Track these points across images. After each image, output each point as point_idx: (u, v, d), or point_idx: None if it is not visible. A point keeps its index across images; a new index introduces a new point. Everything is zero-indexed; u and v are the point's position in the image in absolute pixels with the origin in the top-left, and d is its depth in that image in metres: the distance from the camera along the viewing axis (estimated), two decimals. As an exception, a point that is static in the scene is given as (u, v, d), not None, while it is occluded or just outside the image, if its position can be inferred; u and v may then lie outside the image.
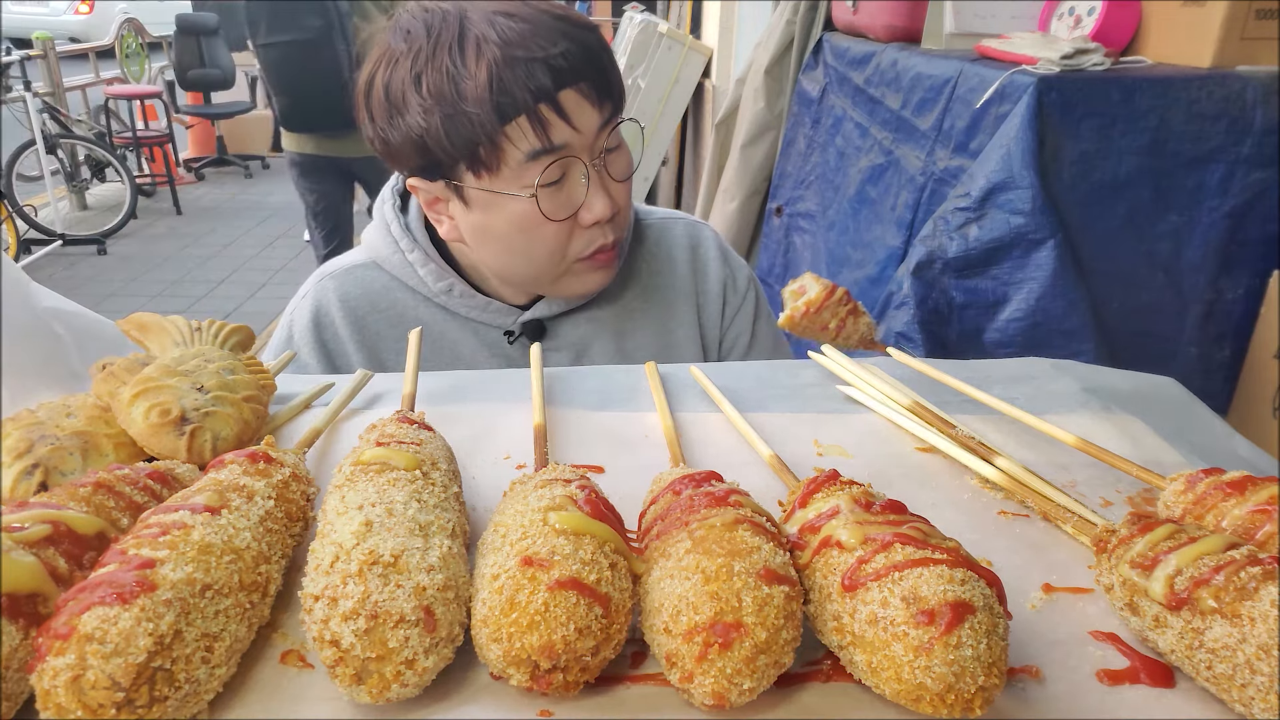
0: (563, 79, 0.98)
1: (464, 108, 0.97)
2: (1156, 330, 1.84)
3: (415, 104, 1.00)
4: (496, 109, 0.97)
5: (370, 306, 1.19)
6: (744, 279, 1.31)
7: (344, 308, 1.18)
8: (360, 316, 1.18)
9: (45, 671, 0.44)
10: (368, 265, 1.20)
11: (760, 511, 0.58)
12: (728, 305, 1.29)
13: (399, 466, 0.60)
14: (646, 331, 1.24)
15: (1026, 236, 1.70)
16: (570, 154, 1.02)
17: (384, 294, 1.19)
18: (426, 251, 1.17)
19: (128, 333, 0.86)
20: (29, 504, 0.56)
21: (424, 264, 1.17)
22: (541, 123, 0.98)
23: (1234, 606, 0.49)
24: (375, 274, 1.20)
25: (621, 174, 1.09)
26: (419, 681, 0.49)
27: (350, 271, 1.20)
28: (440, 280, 1.17)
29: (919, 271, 1.84)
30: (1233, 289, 1.82)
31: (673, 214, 1.33)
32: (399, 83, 1.01)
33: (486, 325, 1.19)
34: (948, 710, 0.47)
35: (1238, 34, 1.72)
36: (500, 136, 0.99)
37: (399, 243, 1.18)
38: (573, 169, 1.03)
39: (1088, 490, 0.76)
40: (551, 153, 1.00)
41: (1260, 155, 1.69)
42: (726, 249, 1.32)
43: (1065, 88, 1.67)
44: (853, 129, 2.46)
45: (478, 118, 0.97)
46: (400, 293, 1.19)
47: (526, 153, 1.00)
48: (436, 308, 1.19)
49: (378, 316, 1.19)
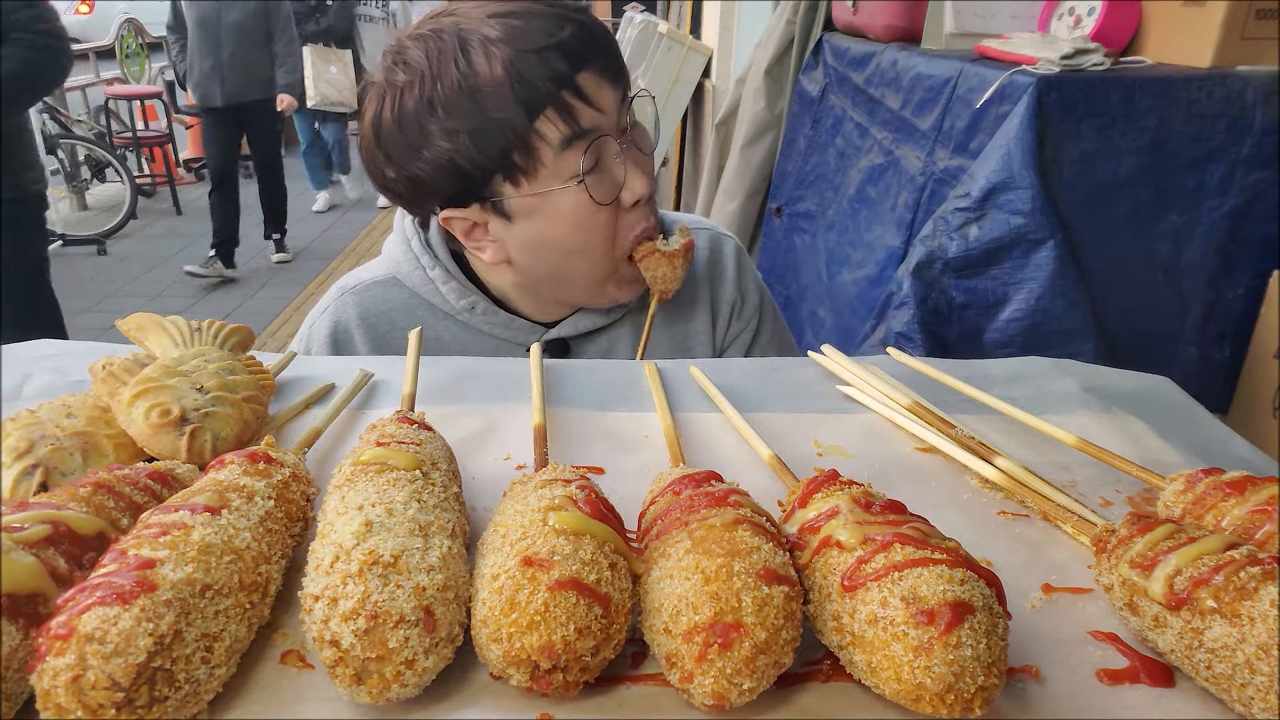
0: (577, 62, 0.97)
1: (489, 115, 0.95)
2: (1156, 330, 1.84)
3: (435, 129, 0.97)
4: (524, 105, 0.95)
5: (390, 324, 1.17)
6: (753, 307, 1.28)
7: (364, 324, 1.17)
8: (381, 334, 1.17)
9: (45, 671, 0.44)
10: (389, 281, 1.18)
11: (760, 511, 0.58)
12: (730, 328, 1.28)
13: (399, 466, 0.60)
14: (665, 347, 1.22)
15: (1026, 236, 1.70)
16: (601, 134, 1.00)
17: (405, 311, 1.17)
18: (448, 269, 1.15)
19: (128, 333, 0.86)
20: (29, 504, 0.56)
21: (445, 281, 1.15)
22: (569, 109, 0.97)
23: (1233, 606, 0.49)
24: (396, 290, 1.18)
25: (648, 148, 1.08)
26: (419, 682, 0.49)
27: (371, 288, 1.18)
28: (463, 298, 1.15)
29: (919, 271, 1.84)
30: (1233, 289, 1.82)
31: (698, 223, 1.29)
32: (411, 114, 0.98)
33: (509, 343, 1.17)
34: (947, 710, 0.47)
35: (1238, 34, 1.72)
36: (531, 134, 0.97)
37: (420, 259, 1.16)
38: (606, 151, 1.02)
39: (1088, 490, 0.76)
40: (584, 137, 0.99)
41: (1260, 155, 1.69)
42: (744, 266, 1.28)
43: (1065, 88, 1.67)
44: (853, 129, 2.46)
45: (506, 121, 0.95)
46: (422, 310, 1.17)
47: (558, 144, 0.98)
48: (459, 325, 1.17)
49: (397, 334, 1.16)
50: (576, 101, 0.97)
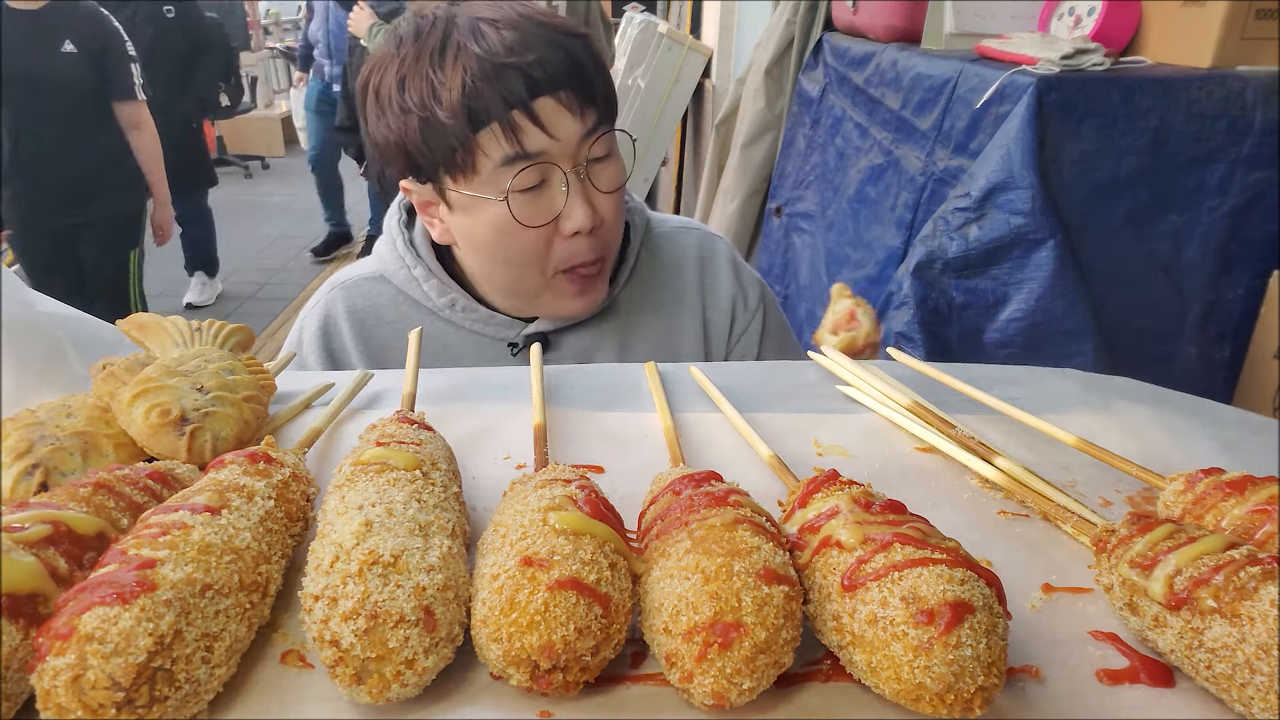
0: (539, 87, 0.99)
1: (439, 113, 0.99)
2: (1156, 330, 1.84)
3: (397, 107, 1.02)
4: (468, 116, 0.98)
5: (376, 319, 1.20)
6: (755, 297, 1.29)
7: (351, 318, 1.20)
8: (367, 328, 1.20)
9: (45, 671, 0.44)
10: (376, 278, 1.22)
11: (760, 511, 0.58)
12: (735, 323, 1.28)
13: (399, 466, 0.60)
14: (649, 343, 1.23)
15: (1026, 237, 1.70)
16: (548, 160, 1.01)
17: (390, 307, 1.20)
18: (430, 266, 1.19)
19: (128, 333, 0.86)
20: (29, 504, 0.56)
21: (427, 279, 1.18)
22: (514, 129, 0.99)
23: (1233, 606, 0.49)
24: (383, 287, 1.21)
25: (608, 185, 1.07)
26: (419, 681, 0.49)
27: (359, 284, 1.22)
28: (443, 295, 1.18)
29: (919, 271, 1.84)
30: (1233, 289, 1.81)
31: (688, 224, 1.32)
32: (387, 86, 1.04)
33: (490, 338, 1.19)
34: (947, 710, 0.47)
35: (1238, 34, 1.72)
36: (473, 143, 1.00)
37: (404, 258, 1.19)
38: (552, 176, 1.03)
39: (1087, 490, 0.76)
40: (526, 159, 1.00)
41: (1260, 155, 1.69)
42: (739, 263, 1.30)
43: (1065, 88, 1.67)
44: (852, 129, 2.46)
45: (451, 126, 0.99)
46: (406, 306, 1.20)
47: (499, 159, 1.00)
48: (442, 321, 1.19)
49: (384, 329, 1.20)
50: (527, 123, 0.99)
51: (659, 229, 1.28)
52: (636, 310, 1.23)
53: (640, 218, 1.25)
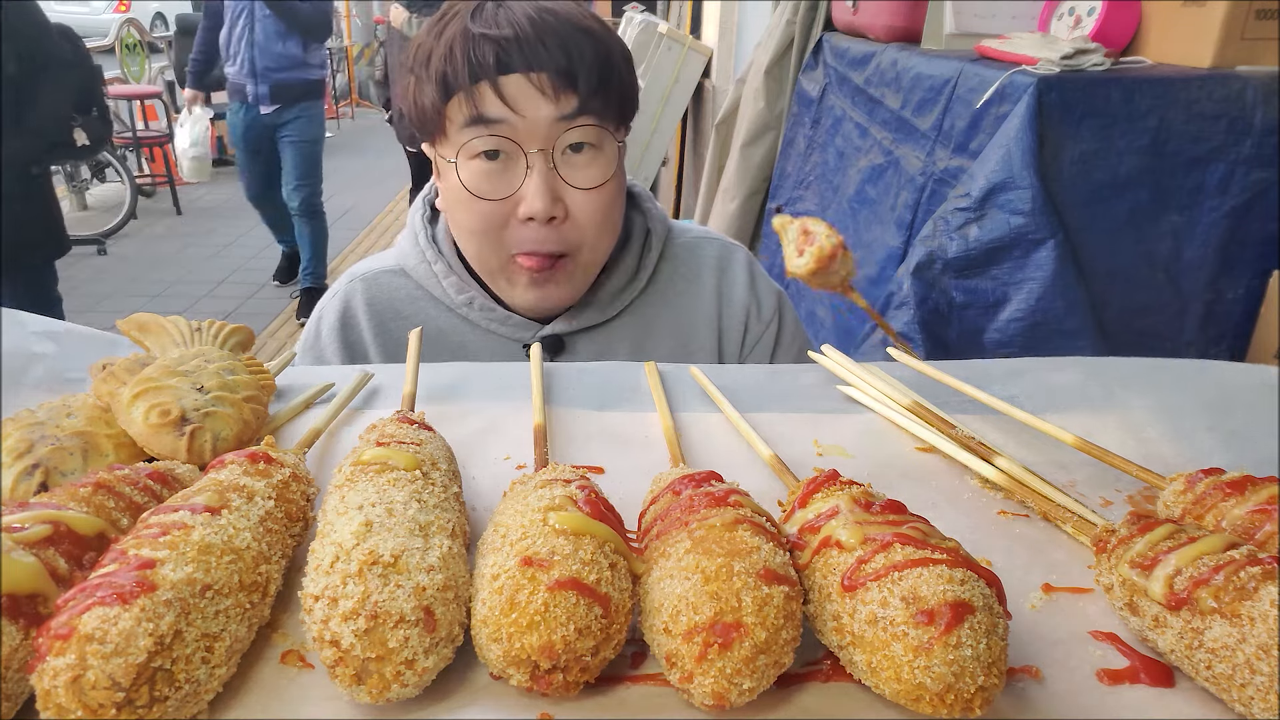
0: (510, 63, 1.01)
1: (424, 76, 1.06)
2: (1156, 330, 1.84)
3: (406, 69, 1.10)
4: (442, 80, 1.03)
5: (394, 313, 1.20)
6: (770, 307, 1.28)
7: (369, 311, 1.20)
8: (384, 321, 1.20)
9: (45, 671, 0.44)
10: (396, 272, 1.22)
11: (760, 511, 0.58)
12: (749, 333, 1.27)
13: (399, 466, 0.60)
14: (664, 350, 1.23)
15: (1026, 236, 1.70)
16: (508, 134, 1.02)
17: (409, 302, 1.21)
18: (450, 263, 1.19)
19: (128, 333, 0.86)
20: (29, 504, 0.56)
21: (446, 275, 1.19)
22: (477, 97, 1.02)
23: (1234, 606, 0.49)
24: (402, 281, 1.21)
25: (582, 181, 1.06)
26: (419, 681, 0.49)
27: (379, 276, 1.22)
28: (462, 293, 1.18)
29: (919, 271, 1.84)
30: (1233, 289, 1.82)
31: (708, 234, 1.32)
32: (408, 47, 1.12)
33: (506, 338, 1.19)
34: (947, 710, 0.47)
35: (1238, 34, 1.72)
36: (442, 105, 1.05)
37: (425, 253, 1.20)
38: (515, 154, 1.04)
39: (1088, 490, 0.76)
40: (483, 123, 1.02)
41: (1260, 155, 1.69)
42: (757, 273, 1.29)
43: (1065, 88, 1.67)
44: (853, 129, 2.46)
45: (428, 89, 1.05)
46: (424, 302, 1.20)
47: (460, 122, 1.04)
48: (459, 319, 1.20)
49: (401, 323, 1.20)
50: (491, 94, 1.02)
51: (680, 239, 1.28)
52: (652, 315, 1.23)
53: (661, 226, 1.25)
